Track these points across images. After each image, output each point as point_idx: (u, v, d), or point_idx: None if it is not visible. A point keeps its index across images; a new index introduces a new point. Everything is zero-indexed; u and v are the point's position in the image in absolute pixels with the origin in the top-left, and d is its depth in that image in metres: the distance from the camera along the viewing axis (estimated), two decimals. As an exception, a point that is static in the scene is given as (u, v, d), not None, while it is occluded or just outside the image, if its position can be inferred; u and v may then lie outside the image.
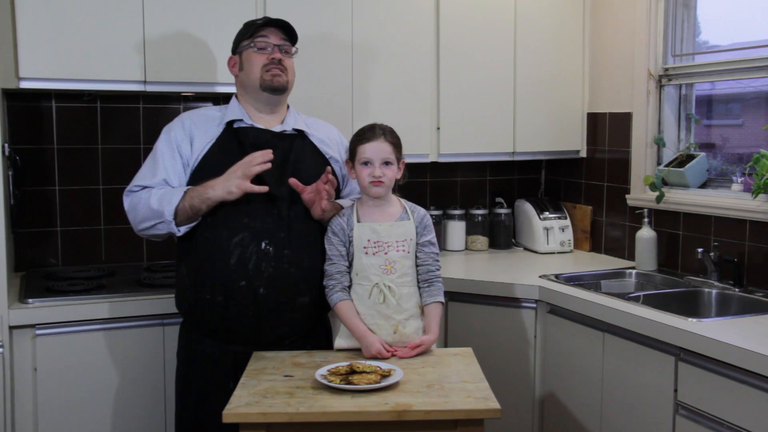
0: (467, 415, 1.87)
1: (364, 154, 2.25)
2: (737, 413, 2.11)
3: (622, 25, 3.42)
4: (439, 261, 2.34)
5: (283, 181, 2.28)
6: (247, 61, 2.35)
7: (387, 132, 2.28)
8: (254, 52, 2.34)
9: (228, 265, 2.23)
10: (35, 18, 2.65)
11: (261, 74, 2.33)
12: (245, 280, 2.23)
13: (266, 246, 2.24)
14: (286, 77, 2.36)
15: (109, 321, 2.63)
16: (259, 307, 2.24)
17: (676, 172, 3.17)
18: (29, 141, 3.10)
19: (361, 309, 2.25)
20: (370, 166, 2.25)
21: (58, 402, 2.57)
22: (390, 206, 2.32)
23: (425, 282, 2.30)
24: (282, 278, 2.25)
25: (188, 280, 2.30)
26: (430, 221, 2.36)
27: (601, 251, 3.59)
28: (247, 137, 2.33)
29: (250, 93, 2.37)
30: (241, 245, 2.22)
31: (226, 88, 2.88)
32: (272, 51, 2.34)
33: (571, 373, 2.77)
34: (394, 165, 2.27)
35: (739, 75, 3.00)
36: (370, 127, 2.30)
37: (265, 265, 2.23)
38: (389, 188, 2.29)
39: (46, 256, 3.15)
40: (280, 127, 2.39)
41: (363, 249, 2.25)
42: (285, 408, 1.85)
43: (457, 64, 3.37)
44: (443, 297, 2.32)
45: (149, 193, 2.27)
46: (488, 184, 3.92)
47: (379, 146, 2.24)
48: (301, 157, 2.36)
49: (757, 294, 2.74)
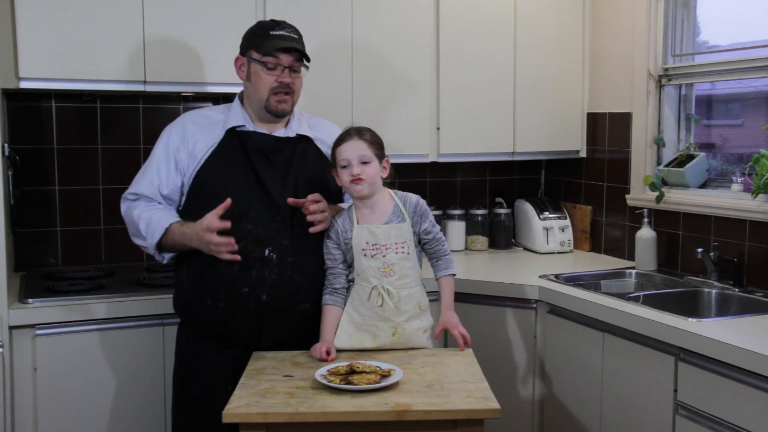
0: (467, 415, 1.87)
1: (341, 156, 2.25)
2: (737, 413, 2.11)
3: (622, 26, 3.42)
4: (442, 239, 2.37)
5: (286, 187, 2.27)
6: (255, 75, 2.30)
7: (362, 131, 2.27)
8: (263, 70, 2.28)
9: (231, 271, 2.22)
10: (35, 18, 2.65)
11: (268, 96, 2.29)
12: (248, 287, 2.22)
13: (270, 253, 2.23)
14: (292, 100, 2.34)
15: (108, 321, 2.63)
16: (261, 314, 2.24)
17: (676, 172, 3.17)
18: (29, 141, 3.10)
19: (362, 310, 2.25)
20: (349, 167, 2.24)
21: (57, 402, 2.57)
22: (381, 203, 2.30)
23: (433, 259, 2.38)
24: (285, 285, 2.25)
25: (188, 283, 2.30)
26: (424, 206, 2.34)
27: (601, 251, 3.59)
28: (250, 141, 2.31)
29: (254, 105, 2.35)
30: (244, 252, 2.21)
31: (225, 89, 2.88)
32: (282, 73, 2.29)
33: (571, 373, 2.77)
34: (374, 162, 2.25)
35: (739, 75, 3.00)
36: (346, 129, 2.30)
37: (268, 272, 2.23)
38: (372, 186, 2.25)
39: (46, 256, 3.15)
40: (283, 132, 2.37)
41: (362, 251, 2.25)
42: (285, 408, 1.85)
43: (457, 64, 3.37)
44: (453, 268, 2.39)
45: (140, 211, 2.29)
46: (488, 184, 3.92)
47: (353, 145, 2.24)
48: (304, 162, 2.35)
49: (757, 294, 2.74)
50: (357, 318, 2.26)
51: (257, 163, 2.28)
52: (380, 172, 2.28)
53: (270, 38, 2.28)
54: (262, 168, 2.28)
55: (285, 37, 2.29)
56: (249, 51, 2.32)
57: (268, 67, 2.28)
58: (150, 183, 2.31)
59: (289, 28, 2.33)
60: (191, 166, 2.30)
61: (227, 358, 2.27)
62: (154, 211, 2.29)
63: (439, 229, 2.37)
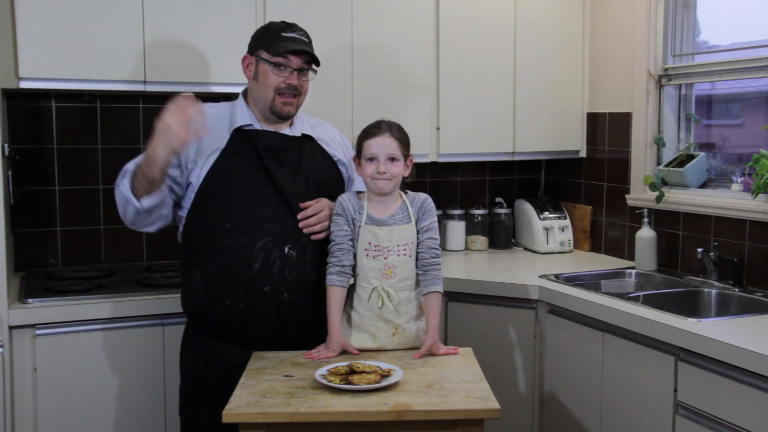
0: (467, 415, 1.87)
1: (369, 150, 2.23)
2: (737, 413, 2.11)
3: (621, 26, 3.42)
4: (436, 248, 2.27)
5: (297, 184, 2.27)
6: (262, 75, 2.29)
7: (393, 128, 2.25)
8: (272, 70, 2.27)
9: (251, 270, 2.21)
10: (35, 18, 2.65)
11: (273, 96, 2.28)
12: (269, 286, 2.21)
13: (289, 250, 2.23)
14: (297, 103, 2.32)
15: (108, 321, 2.63)
16: (282, 312, 2.24)
17: (676, 172, 3.17)
18: (29, 141, 3.10)
19: (362, 310, 2.25)
20: (375, 161, 2.22)
21: (57, 402, 2.57)
22: (392, 200, 2.29)
23: (421, 269, 2.26)
24: (305, 282, 2.25)
25: (204, 286, 2.25)
26: (431, 205, 2.30)
27: (601, 251, 3.60)
28: (260, 140, 2.29)
29: (258, 105, 2.33)
30: (264, 250, 2.20)
31: (226, 88, 2.89)
32: (290, 75, 2.28)
33: (571, 373, 2.77)
34: (400, 162, 2.24)
35: (739, 75, 3.00)
36: (377, 123, 2.27)
37: (289, 270, 2.23)
38: (395, 185, 2.25)
39: (45, 256, 3.15)
40: (289, 131, 2.36)
41: (364, 250, 2.25)
42: (285, 408, 1.85)
43: (457, 64, 3.37)
44: (441, 286, 2.25)
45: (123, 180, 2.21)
46: (488, 184, 3.92)
47: (384, 141, 2.22)
48: (312, 160, 2.35)
49: (757, 294, 2.74)
50: (357, 318, 2.25)
51: (268, 161, 2.27)
52: (404, 171, 2.27)
53: (281, 39, 2.27)
54: (273, 167, 2.27)
55: (296, 40, 2.29)
56: (258, 51, 2.30)
57: (277, 68, 2.27)
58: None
59: (300, 32, 2.32)
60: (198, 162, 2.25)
61: (245, 360, 2.22)
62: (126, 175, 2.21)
63: (439, 241, 2.29)
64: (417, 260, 2.27)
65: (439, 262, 2.28)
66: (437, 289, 2.25)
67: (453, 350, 2.25)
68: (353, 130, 3.13)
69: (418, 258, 2.27)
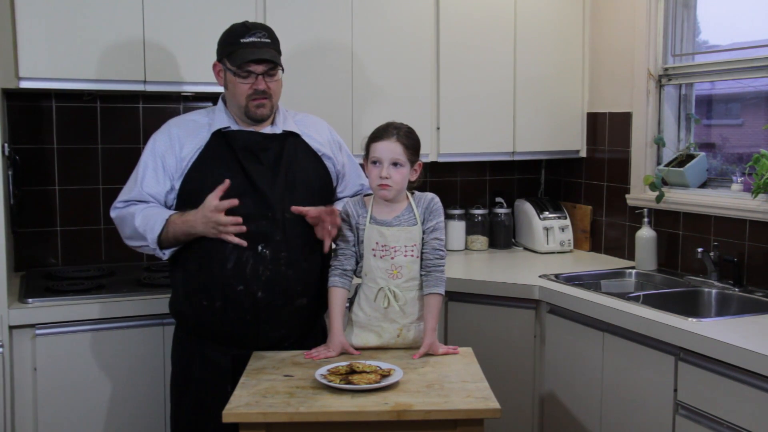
0: (467, 415, 1.87)
1: (374, 153, 2.22)
2: (737, 413, 2.11)
3: (621, 25, 3.42)
4: (441, 250, 2.26)
5: (276, 182, 2.27)
6: (231, 84, 2.28)
7: (402, 132, 2.23)
8: (237, 79, 2.26)
9: (225, 269, 2.22)
10: (35, 18, 2.65)
11: (246, 103, 2.27)
12: (243, 285, 2.22)
13: (262, 249, 2.22)
14: (271, 103, 2.30)
15: (108, 321, 2.63)
16: (257, 311, 2.24)
17: (676, 171, 3.17)
18: (29, 141, 3.10)
19: (368, 310, 2.25)
20: (379, 165, 2.21)
21: (57, 402, 2.57)
22: (398, 202, 2.27)
23: (424, 269, 2.26)
24: (280, 281, 2.24)
25: (183, 286, 2.29)
26: (438, 205, 2.29)
27: (601, 251, 3.59)
28: (236, 140, 2.29)
29: (234, 109, 2.32)
30: (237, 249, 2.20)
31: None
32: (256, 80, 2.26)
33: (571, 372, 2.77)
34: (405, 167, 2.22)
35: (739, 75, 3.00)
36: (386, 125, 2.25)
37: (263, 269, 2.22)
38: (397, 192, 2.23)
39: (45, 256, 3.15)
40: (270, 129, 2.35)
41: (371, 250, 2.24)
42: (285, 408, 1.85)
43: (457, 64, 3.37)
44: (442, 288, 2.26)
45: (135, 210, 2.26)
46: (488, 184, 3.92)
47: (389, 146, 2.20)
48: (294, 157, 2.34)
49: (757, 294, 2.74)
50: (362, 317, 2.25)
51: (245, 161, 2.27)
52: (409, 175, 2.24)
53: (240, 47, 2.24)
54: (250, 165, 2.26)
55: (256, 44, 2.25)
56: (223, 59, 2.30)
57: (242, 77, 2.26)
58: (139, 191, 2.28)
59: (261, 33, 2.28)
60: (179, 169, 2.28)
61: (226, 357, 2.27)
62: (149, 208, 2.27)
63: (444, 242, 2.28)
64: (421, 260, 2.26)
65: (443, 264, 2.27)
66: (438, 291, 2.25)
67: (453, 350, 2.26)
68: (353, 131, 3.14)
69: (423, 258, 2.26)
